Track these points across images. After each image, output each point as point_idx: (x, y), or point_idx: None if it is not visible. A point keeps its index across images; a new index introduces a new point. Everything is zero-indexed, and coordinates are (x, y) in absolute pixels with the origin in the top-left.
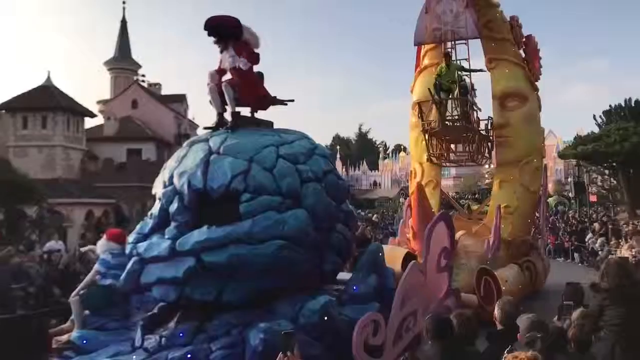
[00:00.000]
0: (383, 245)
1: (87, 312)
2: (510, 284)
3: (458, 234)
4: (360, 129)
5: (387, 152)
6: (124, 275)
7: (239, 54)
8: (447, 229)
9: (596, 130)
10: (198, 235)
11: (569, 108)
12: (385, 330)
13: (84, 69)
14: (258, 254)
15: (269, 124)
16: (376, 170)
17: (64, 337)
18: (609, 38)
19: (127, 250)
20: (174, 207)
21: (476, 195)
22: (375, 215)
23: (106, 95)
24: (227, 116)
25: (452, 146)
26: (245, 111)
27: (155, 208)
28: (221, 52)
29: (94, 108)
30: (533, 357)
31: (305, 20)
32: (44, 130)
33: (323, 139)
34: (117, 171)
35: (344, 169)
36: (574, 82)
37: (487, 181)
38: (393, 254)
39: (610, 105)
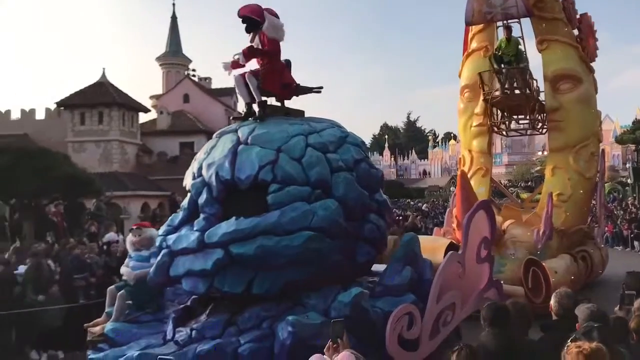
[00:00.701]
0: (426, 236)
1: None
2: (560, 275)
3: (506, 223)
4: (408, 117)
5: (437, 140)
6: (153, 267)
7: (263, 43)
8: (488, 217)
9: None
10: (226, 226)
11: (627, 92)
12: (421, 324)
13: (137, 65)
14: (286, 246)
15: (300, 113)
16: (425, 159)
17: (97, 329)
18: None
19: (157, 243)
20: (202, 198)
21: (529, 183)
22: (425, 205)
23: (158, 90)
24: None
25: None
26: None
27: (185, 200)
28: (251, 41)
29: (147, 103)
30: (597, 348)
31: (350, 7)
32: (100, 125)
33: (370, 128)
34: (171, 164)
35: (392, 158)
36: (633, 65)
37: (537, 168)
38: (435, 245)
39: None
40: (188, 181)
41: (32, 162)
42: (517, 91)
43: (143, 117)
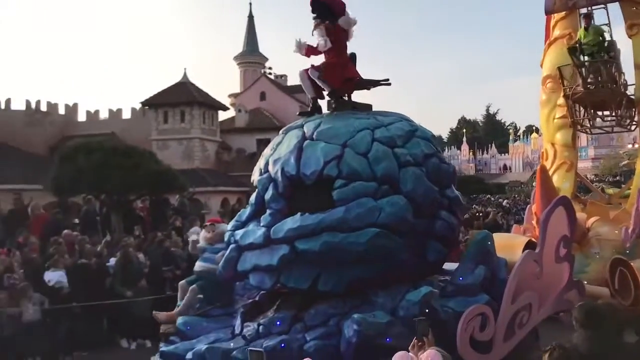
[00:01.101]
0: (503, 233)
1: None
2: None
3: (591, 220)
4: (487, 110)
5: (518, 133)
6: (221, 262)
7: (328, 35)
8: (567, 214)
9: None
10: (291, 222)
11: None
12: (495, 325)
13: (216, 64)
14: (352, 242)
15: (367, 107)
16: (506, 154)
17: (164, 316)
18: None
19: (226, 238)
20: (268, 194)
21: (617, 178)
22: (506, 201)
23: (236, 88)
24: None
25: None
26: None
27: (253, 196)
28: (314, 29)
29: (226, 101)
30: None
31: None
32: (182, 124)
33: (448, 122)
34: (249, 160)
35: (470, 153)
36: None
37: (624, 162)
38: (512, 242)
39: None
40: (255, 177)
41: (121, 160)
42: (601, 86)
43: (222, 115)
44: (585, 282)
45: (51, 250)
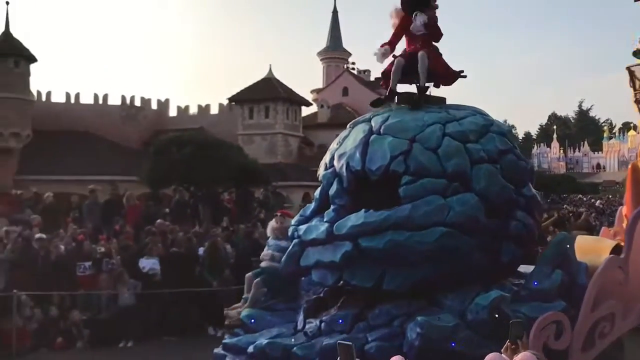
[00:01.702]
0: (590, 236)
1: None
2: None
3: None
4: (580, 106)
5: (613, 131)
6: (284, 257)
7: (428, 26)
8: None
9: None
10: (355, 219)
11: None
12: (571, 334)
13: (300, 60)
14: (418, 241)
15: (441, 100)
16: (599, 152)
17: (235, 314)
18: None
19: (290, 233)
20: (333, 189)
21: None
22: (599, 201)
23: (319, 84)
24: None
25: None
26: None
27: (317, 190)
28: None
29: (309, 97)
30: None
31: None
32: (266, 119)
33: (537, 118)
34: None
35: (561, 150)
36: None
37: None
38: (599, 246)
39: None
40: (320, 172)
41: (210, 153)
42: None
43: (305, 111)
44: None
45: (146, 240)
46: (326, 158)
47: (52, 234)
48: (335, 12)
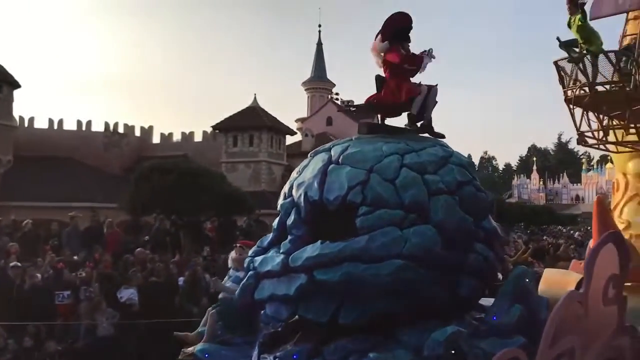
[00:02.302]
0: (557, 269)
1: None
2: None
3: None
4: (559, 138)
5: (592, 163)
6: (238, 290)
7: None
8: (618, 251)
9: None
10: (310, 250)
11: None
12: None
13: (285, 90)
14: (374, 274)
15: (403, 131)
16: (578, 184)
17: (190, 349)
18: None
19: (245, 264)
20: (290, 219)
21: None
22: (578, 233)
23: (304, 113)
24: None
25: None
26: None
27: (276, 221)
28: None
29: (293, 126)
30: None
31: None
32: (251, 147)
33: (518, 150)
34: None
35: (541, 182)
36: None
37: None
38: (565, 279)
39: None
40: (280, 201)
41: (193, 181)
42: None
43: (289, 139)
44: None
45: (125, 268)
46: (285, 188)
47: (30, 261)
48: (319, 44)
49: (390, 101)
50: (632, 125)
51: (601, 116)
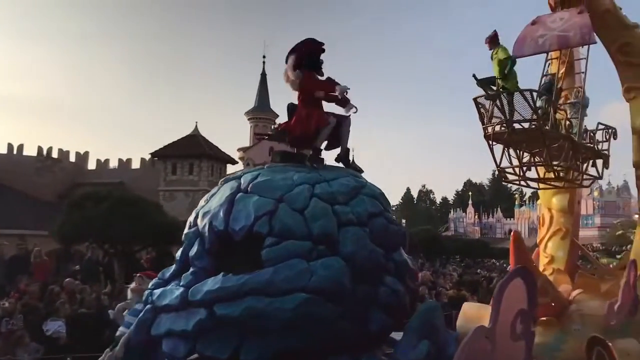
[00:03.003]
0: (474, 303)
1: None
2: (634, 358)
3: (574, 293)
4: (494, 174)
5: (524, 199)
6: (133, 325)
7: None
8: (526, 286)
9: None
10: (212, 283)
11: None
12: None
13: (228, 119)
14: (277, 308)
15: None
16: (512, 218)
17: None
18: None
19: (144, 297)
20: (193, 250)
21: (624, 248)
22: (510, 267)
23: (246, 142)
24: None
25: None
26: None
27: (179, 252)
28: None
29: (235, 155)
30: None
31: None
32: (190, 176)
33: (454, 185)
34: None
35: (476, 216)
36: None
37: (619, 232)
38: (482, 314)
39: None
40: (185, 231)
41: (127, 210)
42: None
43: (230, 169)
44: None
45: (50, 299)
46: (191, 217)
47: None
48: (263, 75)
49: (298, 131)
50: (552, 163)
51: (521, 152)
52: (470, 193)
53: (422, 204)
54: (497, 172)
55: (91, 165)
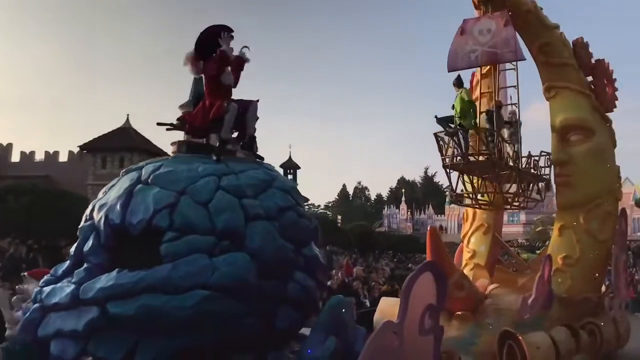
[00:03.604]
0: (393, 298)
1: None
2: (542, 352)
3: (490, 287)
4: (425, 172)
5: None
6: (19, 325)
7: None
8: (436, 281)
9: None
10: (105, 280)
11: None
12: None
13: (163, 113)
14: (176, 306)
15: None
16: (442, 215)
17: None
18: None
19: (32, 296)
20: (88, 245)
21: (547, 243)
22: None
23: (180, 136)
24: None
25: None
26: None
27: (73, 247)
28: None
29: (169, 149)
30: None
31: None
32: (121, 169)
33: (388, 181)
34: None
35: (409, 212)
36: None
37: (538, 229)
38: (396, 309)
39: None
40: (81, 224)
41: (51, 204)
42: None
43: None
44: (474, 356)
45: None
46: (88, 209)
47: None
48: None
49: (198, 121)
50: (501, 191)
51: (476, 179)
52: (403, 190)
53: (357, 200)
54: (453, 197)
55: (15, 157)
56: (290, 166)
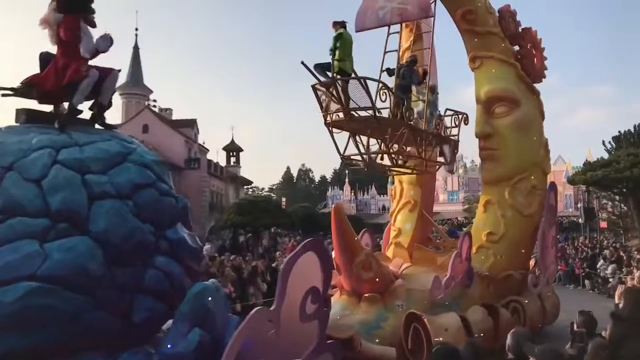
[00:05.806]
0: None
1: None
2: (450, 334)
3: (403, 267)
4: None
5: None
6: None
7: None
8: (320, 262)
9: (605, 156)
10: None
11: (580, 132)
12: None
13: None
14: None
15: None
16: (385, 195)
17: None
18: (617, 65)
19: None
20: None
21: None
22: (382, 241)
23: (117, 120)
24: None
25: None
26: None
27: None
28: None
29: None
30: None
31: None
32: None
33: (331, 163)
34: None
35: (352, 193)
36: (582, 108)
37: (465, 206)
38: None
39: (619, 131)
40: None
41: None
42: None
43: None
44: (377, 340)
45: None
46: None
47: None
48: (136, 48)
49: (49, 84)
50: (390, 152)
51: (367, 140)
52: (347, 171)
53: (301, 182)
54: (342, 160)
55: None
56: (233, 149)
